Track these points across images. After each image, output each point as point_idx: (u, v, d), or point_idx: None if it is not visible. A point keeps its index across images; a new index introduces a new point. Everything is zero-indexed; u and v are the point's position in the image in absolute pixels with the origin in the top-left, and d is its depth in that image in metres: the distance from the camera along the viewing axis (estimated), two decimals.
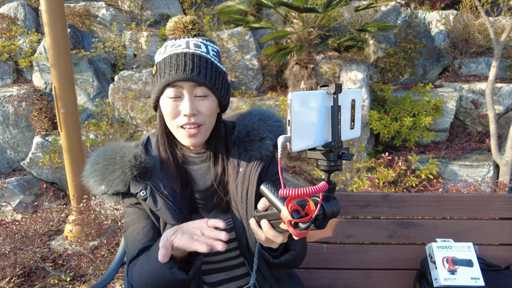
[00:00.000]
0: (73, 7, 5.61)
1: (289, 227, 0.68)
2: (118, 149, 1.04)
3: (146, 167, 1.02)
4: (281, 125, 1.12)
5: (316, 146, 0.67)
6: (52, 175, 4.26)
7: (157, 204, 0.99)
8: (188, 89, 0.95)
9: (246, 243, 1.04)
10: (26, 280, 2.70)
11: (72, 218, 2.98)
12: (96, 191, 1.02)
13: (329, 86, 0.65)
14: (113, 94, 4.73)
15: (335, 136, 0.66)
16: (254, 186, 1.02)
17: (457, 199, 1.54)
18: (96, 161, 1.03)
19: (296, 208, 0.68)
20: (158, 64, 0.99)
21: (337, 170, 0.67)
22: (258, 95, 4.84)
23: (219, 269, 1.08)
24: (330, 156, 0.66)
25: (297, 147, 0.63)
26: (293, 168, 4.07)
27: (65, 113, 2.85)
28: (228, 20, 4.45)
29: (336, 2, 3.76)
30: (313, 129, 0.65)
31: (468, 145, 4.40)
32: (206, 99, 0.98)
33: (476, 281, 1.30)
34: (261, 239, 0.82)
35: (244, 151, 1.07)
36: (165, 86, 0.96)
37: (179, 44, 0.99)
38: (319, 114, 0.65)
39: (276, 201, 0.72)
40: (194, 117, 0.96)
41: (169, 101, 0.96)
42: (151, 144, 1.10)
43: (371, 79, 4.94)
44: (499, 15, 5.75)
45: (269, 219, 0.78)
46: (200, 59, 0.96)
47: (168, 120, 0.99)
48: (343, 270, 1.54)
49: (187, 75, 0.93)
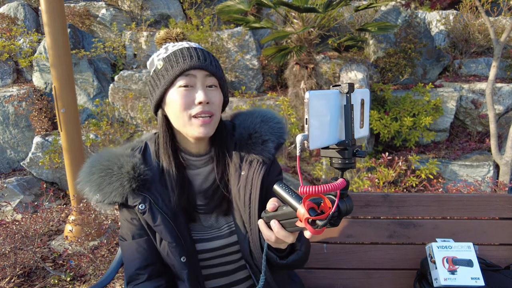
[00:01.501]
0: (73, 7, 5.61)
1: (306, 225, 0.68)
2: (115, 159, 1.01)
3: (145, 179, 0.99)
4: (282, 126, 1.11)
5: (331, 144, 0.68)
6: (52, 175, 4.26)
7: (156, 220, 0.97)
8: (201, 78, 0.97)
9: (249, 247, 1.03)
10: (26, 280, 2.70)
11: (72, 218, 2.98)
12: (91, 199, 0.99)
13: (341, 85, 0.67)
14: (113, 94, 4.73)
15: (349, 135, 0.67)
16: (257, 190, 1.01)
17: (457, 199, 1.53)
18: (91, 171, 1.00)
19: (312, 206, 0.69)
20: (165, 58, 0.98)
21: (351, 168, 0.69)
22: (258, 95, 4.84)
23: (220, 274, 1.08)
24: (345, 154, 0.67)
25: (315, 145, 0.64)
26: (293, 168, 4.07)
27: (65, 113, 2.85)
28: (228, 20, 4.45)
29: (336, 2, 3.76)
30: (328, 127, 0.66)
31: (468, 145, 4.40)
32: (216, 90, 1.00)
33: (476, 281, 1.30)
34: (271, 240, 0.81)
35: (246, 154, 1.05)
36: (178, 75, 0.95)
37: (181, 43, 1.01)
38: (333, 113, 0.67)
39: (291, 200, 0.72)
40: (208, 105, 0.97)
41: (181, 90, 0.96)
42: (149, 152, 1.07)
43: (371, 79, 4.93)
44: (499, 15, 5.75)
45: (279, 219, 0.78)
46: (208, 53, 1.01)
47: (179, 113, 0.96)
48: (343, 270, 1.54)
49: (201, 63, 0.96)
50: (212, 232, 1.06)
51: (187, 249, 1.00)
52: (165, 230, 0.97)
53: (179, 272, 1.01)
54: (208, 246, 1.04)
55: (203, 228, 1.06)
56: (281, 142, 1.09)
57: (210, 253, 1.05)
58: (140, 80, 4.65)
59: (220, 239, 1.05)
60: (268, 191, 1.06)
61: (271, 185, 1.08)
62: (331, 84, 5.27)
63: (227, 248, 1.05)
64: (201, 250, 1.04)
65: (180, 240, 0.99)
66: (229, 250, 1.06)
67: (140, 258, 1.02)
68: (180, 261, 0.99)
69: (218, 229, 1.06)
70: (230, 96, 4.72)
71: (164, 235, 0.98)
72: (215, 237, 1.05)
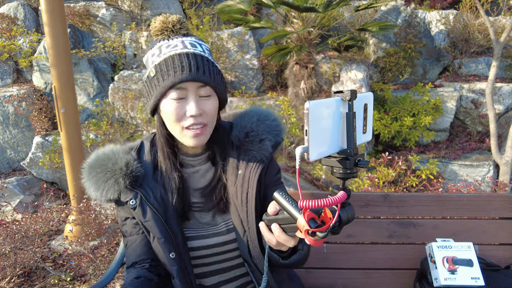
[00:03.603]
0: (73, 7, 5.60)
1: (307, 236, 0.67)
2: (111, 155, 1.03)
3: (137, 176, 1.01)
4: (278, 124, 1.10)
5: (332, 153, 0.66)
6: (52, 175, 4.26)
7: (145, 215, 0.99)
8: (193, 90, 0.94)
9: (247, 244, 1.04)
10: (26, 280, 2.70)
11: (72, 218, 2.98)
12: (92, 197, 1.03)
13: (343, 92, 0.65)
14: (113, 94, 4.74)
15: (351, 143, 0.65)
16: (254, 189, 1.01)
17: (457, 199, 1.53)
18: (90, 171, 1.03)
19: (313, 216, 0.68)
20: (157, 66, 0.95)
21: (353, 177, 0.67)
22: (258, 95, 4.84)
23: (216, 271, 1.08)
24: (347, 164, 0.65)
25: (315, 156, 0.62)
26: (293, 168, 4.07)
27: (65, 113, 2.84)
28: (228, 20, 4.45)
29: (336, 2, 3.76)
30: (329, 136, 0.64)
31: (468, 145, 4.40)
32: (210, 99, 0.97)
33: (476, 280, 1.30)
34: (272, 243, 0.81)
35: (243, 153, 1.06)
36: (169, 88, 0.93)
37: (175, 44, 0.96)
38: (334, 121, 0.65)
39: (291, 209, 0.71)
40: (200, 117, 0.95)
41: (173, 103, 0.94)
42: (144, 150, 1.08)
43: (371, 78, 4.93)
44: (499, 15, 5.74)
45: (280, 223, 0.77)
46: (202, 59, 0.95)
47: (172, 123, 0.97)
48: (343, 270, 1.54)
49: (193, 76, 0.92)
50: (209, 229, 1.06)
51: (177, 246, 1.01)
52: (155, 225, 0.98)
53: (169, 269, 1.02)
54: (204, 243, 1.05)
55: (200, 224, 1.07)
56: (278, 141, 1.09)
57: (206, 250, 1.05)
58: (140, 80, 4.65)
59: (217, 236, 1.05)
60: (266, 190, 1.07)
61: (269, 184, 1.08)
62: (331, 84, 5.25)
63: (224, 245, 1.06)
64: (198, 247, 1.05)
65: (170, 236, 0.99)
66: (226, 247, 1.06)
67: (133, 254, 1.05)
68: (169, 257, 1.00)
69: (215, 226, 1.06)
70: (230, 96, 4.72)
71: (154, 230, 0.99)
72: (212, 234, 1.06)
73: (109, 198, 1.00)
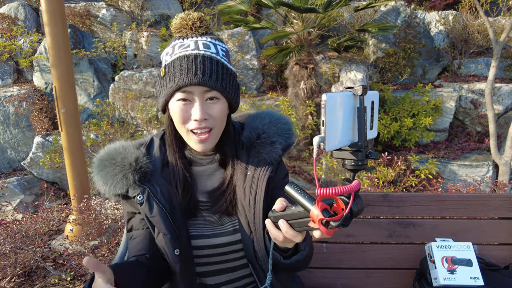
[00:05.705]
0: (74, 7, 5.61)
1: (320, 225, 0.69)
2: (122, 150, 1.03)
3: (145, 172, 1.01)
4: (290, 128, 1.10)
5: (344, 146, 0.69)
6: (52, 174, 4.27)
7: (152, 211, 0.99)
8: (199, 93, 0.94)
9: (253, 246, 1.03)
10: (27, 280, 2.71)
11: (72, 217, 2.99)
12: (101, 191, 1.03)
13: (355, 87, 0.68)
14: (113, 94, 4.74)
15: (362, 136, 0.68)
16: (262, 190, 1.01)
17: (456, 198, 1.54)
18: (99, 165, 1.04)
19: (326, 207, 0.70)
20: (166, 66, 0.96)
21: (363, 169, 0.70)
22: (258, 95, 4.85)
23: (220, 271, 1.08)
24: (359, 155, 0.68)
25: (331, 146, 0.65)
26: (293, 168, 4.08)
27: (66, 113, 2.85)
28: (228, 20, 4.45)
29: (336, 2, 3.77)
30: (342, 129, 0.67)
31: (467, 145, 4.41)
32: (217, 102, 0.96)
33: (476, 280, 1.31)
34: (279, 239, 0.81)
35: (254, 154, 1.05)
36: (175, 91, 0.94)
37: (188, 44, 0.96)
38: (347, 114, 0.68)
39: (304, 201, 0.73)
40: (205, 121, 0.95)
41: (179, 104, 0.94)
42: (154, 146, 1.08)
43: (371, 79, 4.94)
44: (499, 15, 5.75)
45: (287, 219, 0.78)
46: (211, 62, 0.94)
47: (178, 125, 0.97)
48: (343, 270, 1.54)
49: (198, 80, 0.91)
50: (215, 229, 1.06)
51: (182, 243, 1.01)
52: (161, 221, 0.99)
53: (172, 266, 1.02)
54: (210, 242, 1.05)
55: (206, 223, 1.06)
56: (289, 143, 1.09)
57: (211, 250, 1.05)
58: (141, 80, 4.65)
59: (222, 236, 1.05)
60: (274, 193, 1.06)
61: (277, 187, 1.08)
62: (330, 84, 5.25)
63: (229, 246, 1.06)
64: (203, 246, 1.05)
65: (175, 233, 1.00)
66: (231, 248, 1.06)
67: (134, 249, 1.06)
68: (174, 254, 1.00)
69: (221, 226, 1.06)
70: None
71: (160, 226, 0.99)
72: (218, 233, 1.05)
73: (117, 193, 1.01)
